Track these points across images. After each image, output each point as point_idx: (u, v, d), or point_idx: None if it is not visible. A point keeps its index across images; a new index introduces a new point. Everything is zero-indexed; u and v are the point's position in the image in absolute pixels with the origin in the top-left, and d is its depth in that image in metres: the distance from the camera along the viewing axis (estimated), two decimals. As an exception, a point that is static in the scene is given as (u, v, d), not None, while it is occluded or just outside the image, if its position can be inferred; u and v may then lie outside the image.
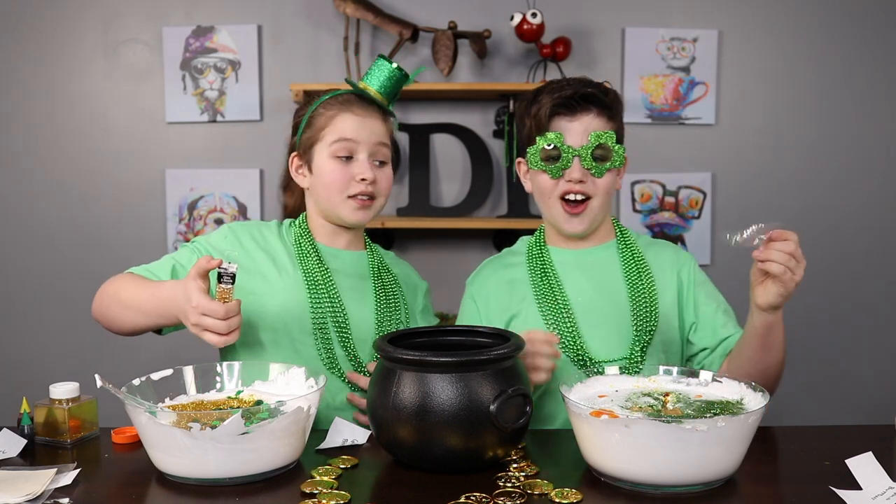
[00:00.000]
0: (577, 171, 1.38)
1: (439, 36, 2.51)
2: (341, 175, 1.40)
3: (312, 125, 1.44)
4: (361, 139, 1.41)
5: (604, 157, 1.38)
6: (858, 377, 2.76)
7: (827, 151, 2.70)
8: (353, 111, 1.42)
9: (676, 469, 0.98)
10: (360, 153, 1.41)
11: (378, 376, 1.11)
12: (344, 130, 1.40)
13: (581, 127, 1.38)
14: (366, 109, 1.43)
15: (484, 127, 2.67)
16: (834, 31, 2.65)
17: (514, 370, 1.10)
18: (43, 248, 2.68)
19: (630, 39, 2.64)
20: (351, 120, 1.41)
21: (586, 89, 1.39)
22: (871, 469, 1.01)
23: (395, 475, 1.08)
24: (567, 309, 1.40)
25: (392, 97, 1.46)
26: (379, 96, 1.44)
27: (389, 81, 1.44)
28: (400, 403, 1.05)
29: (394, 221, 2.53)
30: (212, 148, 2.67)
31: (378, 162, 1.43)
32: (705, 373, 1.19)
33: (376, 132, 1.43)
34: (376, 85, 1.44)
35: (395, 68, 1.44)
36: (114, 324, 1.37)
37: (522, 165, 1.50)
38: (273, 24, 2.63)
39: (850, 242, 2.72)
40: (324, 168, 1.41)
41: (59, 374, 1.61)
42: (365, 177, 1.39)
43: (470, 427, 1.04)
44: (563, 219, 1.43)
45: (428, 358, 1.05)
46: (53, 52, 2.63)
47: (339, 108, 1.42)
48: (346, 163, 1.41)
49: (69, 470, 1.07)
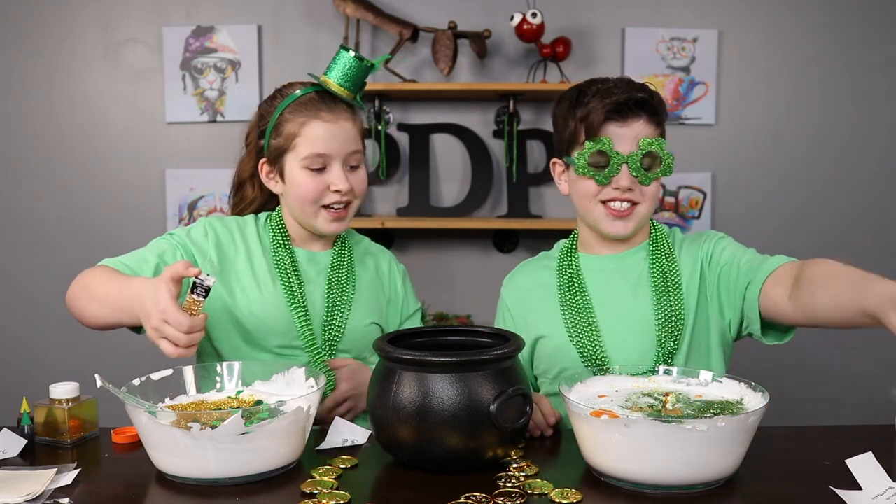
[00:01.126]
0: (625, 178, 1.33)
1: (439, 36, 2.51)
2: (315, 186, 1.38)
3: (281, 132, 1.39)
4: (334, 150, 1.37)
5: (652, 165, 1.34)
6: (858, 377, 2.76)
7: (827, 151, 2.70)
8: (321, 117, 1.37)
9: (676, 469, 0.98)
10: (334, 164, 1.38)
11: (378, 376, 1.11)
12: (315, 144, 1.36)
13: (632, 133, 1.33)
14: (333, 111, 1.38)
15: (484, 127, 2.67)
16: (834, 31, 2.65)
17: (514, 370, 1.10)
18: (43, 248, 2.68)
19: (630, 39, 2.64)
20: (321, 129, 1.37)
21: (638, 94, 1.33)
22: (871, 469, 1.01)
23: (395, 475, 1.08)
24: (592, 324, 1.37)
25: (357, 89, 1.41)
26: (342, 91, 1.38)
27: (351, 72, 1.38)
28: (400, 403, 1.05)
29: (394, 221, 2.53)
30: (212, 148, 2.67)
31: (351, 167, 1.41)
32: (705, 373, 1.19)
33: (349, 138, 1.39)
34: (337, 78, 1.38)
35: (354, 58, 1.38)
36: (81, 316, 1.33)
37: (558, 166, 1.45)
38: (273, 24, 2.63)
39: (850, 242, 2.72)
40: (296, 179, 1.39)
41: (59, 374, 1.61)
42: (339, 188, 1.38)
43: (470, 427, 1.04)
44: (605, 221, 1.37)
45: (428, 358, 1.05)
46: (53, 52, 2.63)
47: (307, 115, 1.37)
48: (319, 173, 1.38)
49: (69, 470, 1.07)
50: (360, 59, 1.38)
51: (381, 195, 2.69)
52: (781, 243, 2.72)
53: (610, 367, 1.31)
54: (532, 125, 2.67)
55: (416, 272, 2.71)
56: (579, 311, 1.39)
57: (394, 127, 2.66)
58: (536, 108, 2.67)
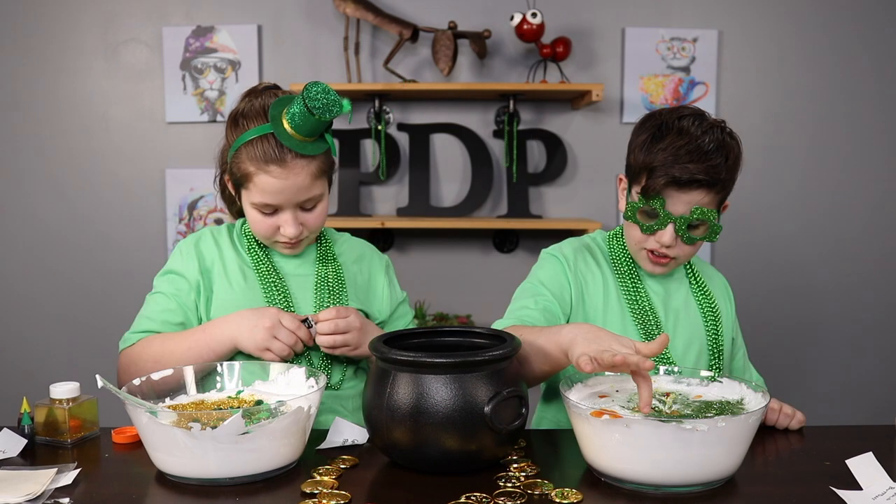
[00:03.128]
0: (668, 236, 1.34)
1: (439, 36, 2.51)
2: (265, 226, 1.37)
3: (238, 166, 1.34)
4: (282, 202, 1.33)
5: (698, 227, 1.36)
6: (858, 377, 2.76)
7: (827, 151, 2.70)
8: (269, 172, 1.30)
9: (676, 469, 0.98)
10: (285, 211, 1.35)
11: (373, 377, 1.11)
12: (264, 195, 1.32)
13: (687, 198, 1.33)
14: (284, 165, 1.30)
15: (484, 127, 2.67)
16: (834, 31, 2.65)
17: (510, 372, 1.09)
18: (43, 248, 2.68)
19: (630, 39, 2.64)
20: (269, 183, 1.31)
21: (698, 176, 1.30)
22: (871, 469, 1.01)
23: (395, 475, 1.08)
24: (655, 316, 1.40)
25: (315, 134, 1.31)
26: (296, 135, 1.29)
27: (301, 121, 1.27)
28: (394, 405, 1.05)
29: (394, 221, 2.53)
30: (212, 148, 2.63)
31: (305, 209, 1.37)
32: (706, 373, 1.20)
33: (300, 188, 1.33)
34: (290, 120, 1.29)
35: (302, 110, 1.25)
36: None
37: (623, 182, 1.46)
38: (273, 24, 2.63)
39: (849, 242, 2.72)
40: (249, 213, 1.38)
41: (59, 374, 1.61)
42: (287, 234, 1.36)
43: (464, 429, 1.03)
44: (646, 262, 1.41)
45: (422, 359, 1.05)
46: (53, 53, 2.63)
47: (256, 166, 1.31)
48: (270, 216, 1.36)
49: (69, 470, 1.07)
50: (312, 114, 1.26)
51: (381, 195, 2.69)
52: (781, 243, 2.73)
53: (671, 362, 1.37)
54: (532, 125, 2.67)
55: (416, 272, 2.72)
56: (642, 304, 1.41)
57: (394, 127, 2.66)
58: (536, 108, 2.67)
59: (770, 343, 2.71)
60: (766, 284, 2.72)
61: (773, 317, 2.72)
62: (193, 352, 1.31)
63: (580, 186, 2.68)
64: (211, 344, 1.31)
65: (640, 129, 1.39)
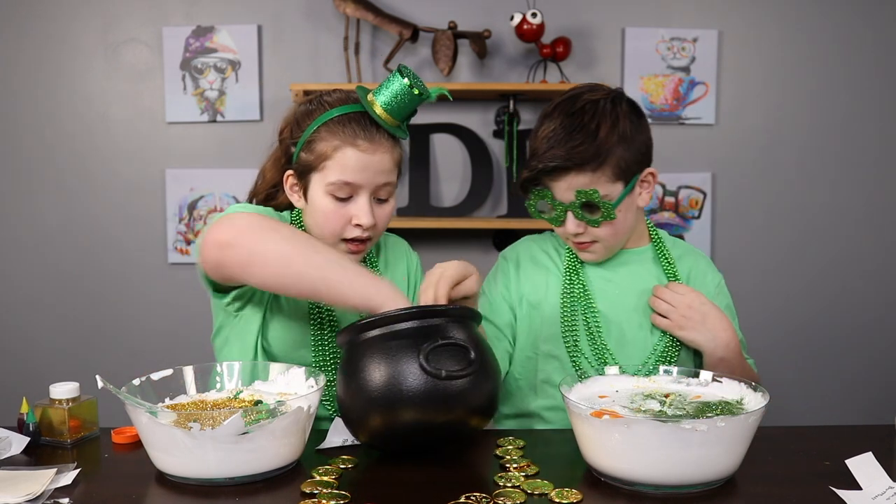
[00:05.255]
0: (571, 224, 1.38)
1: (439, 36, 2.51)
2: (336, 217, 1.28)
3: (312, 149, 1.29)
4: (364, 181, 1.27)
5: (593, 210, 1.36)
6: (858, 377, 2.76)
7: (827, 151, 2.70)
8: (357, 145, 1.26)
9: (676, 469, 0.98)
10: (361, 195, 1.28)
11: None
12: (345, 171, 1.26)
13: (563, 185, 1.36)
14: (372, 141, 1.27)
15: (484, 127, 2.67)
16: (834, 31, 2.65)
17: (446, 328, 1.08)
18: (43, 248, 2.68)
19: (630, 39, 2.64)
20: (355, 158, 1.26)
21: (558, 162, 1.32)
22: (871, 469, 1.01)
23: (395, 475, 1.07)
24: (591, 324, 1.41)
25: (404, 118, 1.29)
26: (387, 118, 1.27)
27: (398, 101, 1.26)
28: (352, 385, 1.08)
29: (394, 221, 2.51)
30: (212, 148, 2.67)
31: (379, 199, 1.32)
32: (705, 373, 1.19)
33: (382, 170, 1.29)
34: (385, 103, 1.26)
35: (407, 86, 1.24)
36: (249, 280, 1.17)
37: None
38: (273, 24, 2.63)
39: (849, 242, 2.72)
40: (318, 203, 1.29)
41: (59, 374, 1.61)
42: (362, 223, 1.28)
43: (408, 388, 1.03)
44: (577, 252, 1.44)
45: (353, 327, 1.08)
46: (53, 53, 2.63)
47: (342, 140, 1.26)
48: (343, 203, 1.28)
49: (69, 470, 1.06)
50: (412, 89, 1.25)
51: (381, 195, 2.69)
52: (781, 244, 2.73)
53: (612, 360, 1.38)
54: (532, 125, 2.66)
55: (416, 272, 2.72)
56: (580, 309, 1.42)
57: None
58: (536, 108, 2.67)
59: (770, 343, 2.70)
60: (765, 284, 2.72)
61: (773, 316, 2.72)
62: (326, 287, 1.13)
63: (580, 186, 2.68)
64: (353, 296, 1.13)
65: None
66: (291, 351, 1.33)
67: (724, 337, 1.36)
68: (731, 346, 1.37)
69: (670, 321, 1.37)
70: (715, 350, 1.36)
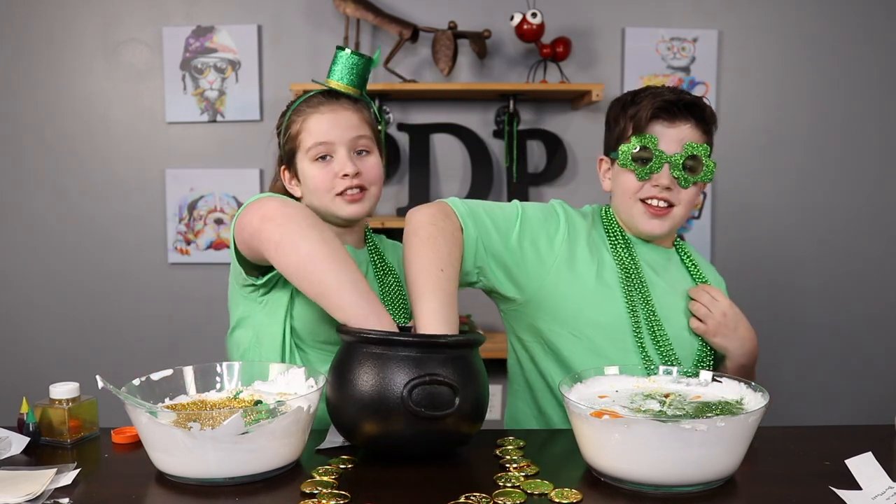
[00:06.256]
0: (665, 177, 1.36)
1: (439, 36, 2.51)
2: (324, 176, 1.39)
3: (289, 134, 1.43)
4: (335, 137, 1.39)
5: (694, 169, 1.37)
6: (858, 377, 2.76)
7: (827, 151, 2.70)
8: (320, 111, 1.40)
9: (676, 469, 0.98)
10: (338, 151, 1.39)
11: None
12: (317, 133, 1.39)
13: (677, 135, 1.36)
14: (334, 106, 1.41)
15: (484, 127, 2.67)
16: (834, 31, 2.65)
17: (437, 360, 1.08)
18: (43, 248, 2.69)
19: (630, 39, 2.64)
20: (320, 120, 1.40)
21: (687, 97, 1.37)
22: (871, 469, 1.01)
23: (395, 475, 1.07)
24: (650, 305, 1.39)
25: (360, 85, 1.44)
26: (345, 87, 1.42)
27: (351, 69, 1.43)
28: (343, 386, 1.09)
29: (394, 221, 2.52)
30: (212, 148, 2.67)
31: (360, 152, 1.42)
32: (705, 373, 1.20)
33: (350, 126, 1.40)
34: (339, 76, 1.43)
35: (352, 54, 1.43)
36: (273, 259, 1.20)
37: (604, 163, 1.48)
38: (273, 24, 2.63)
39: (849, 242, 2.72)
40: (307, 173, 1.41)
41: (59, 374, 1.61)
42: (346, 172, 1.37)
43: (383, 410, 1.05)
44: (642, 219, 1.40)
45: (350, 331, 1.10)
46: (54, 53, 2.63)
47: (307, 113, 1.41)
48: (326, 163, 1.40)
49: (69, 470, 1.06)
50: (357, 55, 1.43)
51: (382, 195, 2.68)
52: (781, 242, 2.73)
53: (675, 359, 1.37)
54: (532, 125, 2.67)
55: (416, 272, 2.72)
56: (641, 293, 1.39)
57: (394, 127, 2.66)
58: (536, 108, 2.67)
59: (770, 343, 2.70)
60: (765, 284, 2.72)
61: (773, 316, 2.72)
62: (332, 287, 1.15)
63: (580, 186, 2.68)
64: (343, 304, 1.15)
65: (611, 107, 1.46)
66: (316, 326, 1.36)
67: (750, 346, 1.39)
68: (754, 354, 1.40)
69: (706, 326, 1.37)
70: (741, 357, 1.38)
